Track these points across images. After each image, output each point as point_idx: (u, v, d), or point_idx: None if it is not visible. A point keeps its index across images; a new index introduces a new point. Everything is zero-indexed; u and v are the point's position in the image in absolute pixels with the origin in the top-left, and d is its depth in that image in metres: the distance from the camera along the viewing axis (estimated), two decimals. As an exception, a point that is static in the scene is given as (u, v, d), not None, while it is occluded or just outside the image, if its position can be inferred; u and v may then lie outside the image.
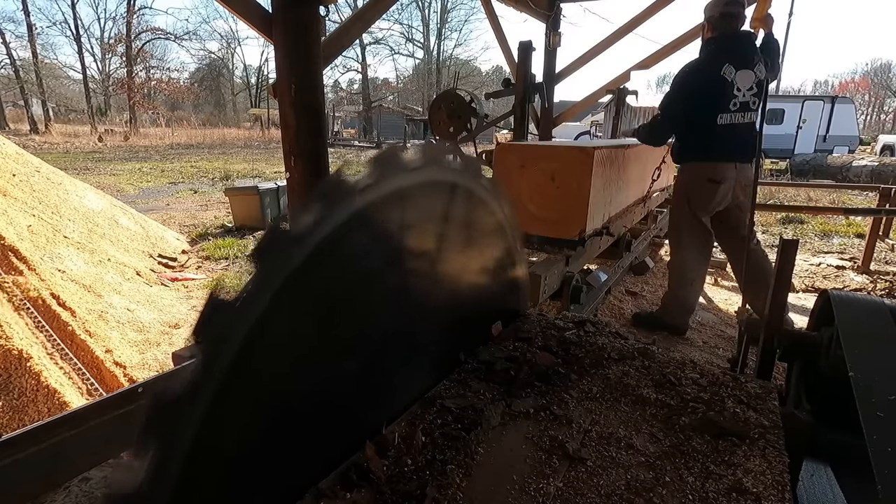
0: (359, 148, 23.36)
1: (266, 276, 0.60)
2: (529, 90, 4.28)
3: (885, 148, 17.87)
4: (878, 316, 1.08)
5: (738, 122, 2.81)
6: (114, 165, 14.46)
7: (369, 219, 0.77)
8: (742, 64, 2.76)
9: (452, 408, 0.95)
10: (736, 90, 2.76)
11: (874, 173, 12.06)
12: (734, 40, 2.82)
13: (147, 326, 3.22)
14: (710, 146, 2.88)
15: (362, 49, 39.51)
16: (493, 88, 5.07)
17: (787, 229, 6.87)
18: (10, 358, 2.38)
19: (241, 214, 6.55)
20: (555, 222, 2.59)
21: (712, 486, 0.77)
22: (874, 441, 0.75)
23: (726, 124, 2.81)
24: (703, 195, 2.94)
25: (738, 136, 2.81)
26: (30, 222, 3.68)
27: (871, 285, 4.44)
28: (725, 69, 2.74)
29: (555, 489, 0.76)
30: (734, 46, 2.80)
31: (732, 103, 2.79)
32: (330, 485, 0.75)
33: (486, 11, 5.41)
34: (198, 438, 0.55)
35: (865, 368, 0.91)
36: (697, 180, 2.97)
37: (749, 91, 2.77)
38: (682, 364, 1.15)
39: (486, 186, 1.09)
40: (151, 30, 36.04)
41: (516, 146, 2.88)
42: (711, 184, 2.89)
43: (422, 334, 0.98)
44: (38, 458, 0.94)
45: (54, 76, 36.01)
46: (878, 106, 54.68)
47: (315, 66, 2.42)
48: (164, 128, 30.60)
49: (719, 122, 2.81)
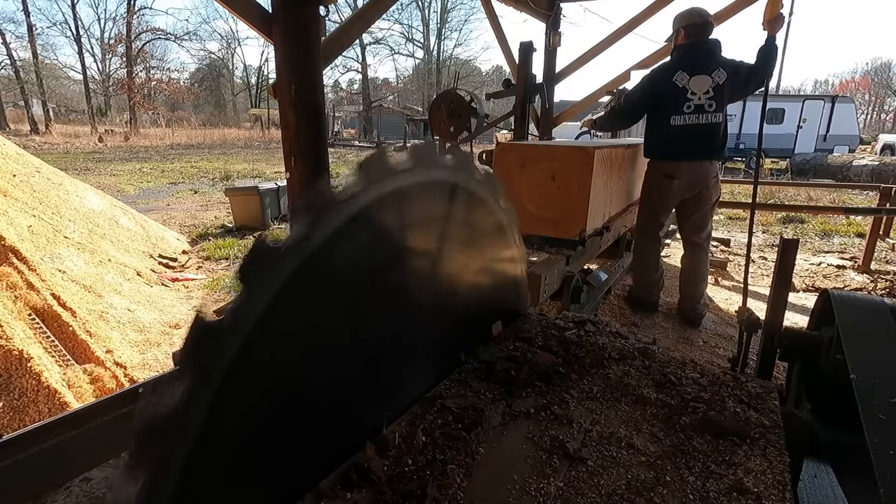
0: (359, 148, 23.36)
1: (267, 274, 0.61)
2: (530, 91, 4.28)
3: (886, 147, 17.87)
4: (879, 316, 1.08)
5: (691, 122, 3.06)
6: (114, 166, 14.46)
7: (368, 220, 0.77)
8: (698, 70, 3.02)
9: (453, 408, 0.95)
10: (690, 94, 3.03)
11: (874, 173, 12.06)
12: (695, 48, 3.08)
13: (147, 327, 3.23)
14: (666, 145, 3.16)
15: (362, 49, 39.51)
16: (494, 88, 5.07)
17: (788, 229, 6.87)
18: (10, 358, 2.38)
19: (241, 214, 6.55)
20: (555, 222, 2.59)
21: (713, 485, 0.77)
22: (876, 444, 0.74)
23: (680, 125, 3.07)
24: (661, 189, 3.22)
25: (693, 135, 3.07)
26: (30, 223, 3.68)
27: (871, 285, 4.44)
28: (678, 76, 3.04)
29: (555, 489, 0.76)
30: (693, 54, 3.07)
31: (686, 106, 3.05)
32: (330, 485, 0.75)
33: (486, 11, 5.41)
34: (199, 438, 0.55)
35: (867, 371, 0.90)
36: (656, 175, 3.25)
37: (705, 94, 3.02)
38: (682, 364, 1.15)
39: (482, 182, 1.08)
40: (151, 30, 36.06)
41: (516, 146, 2.88)
42: (667, 179, 3.17)
43: (421, 335, 0.98)
44: (39, 458, 0.95)
45: (54, 76, 36.04)
46: (878, 105, 54.64)
47: (315, 66, 2.41)
48: (164, 128, 30.60)
49: (672, 123, 3.08)
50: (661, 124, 3.13)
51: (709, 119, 3.04)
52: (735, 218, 7.47)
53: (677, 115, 3.07)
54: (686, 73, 3.03)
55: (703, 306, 3.45)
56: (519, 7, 4.96)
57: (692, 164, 3.11)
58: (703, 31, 3.09)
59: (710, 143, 3.09)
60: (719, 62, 3.04)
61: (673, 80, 3.04)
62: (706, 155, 3.12)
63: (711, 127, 3.06)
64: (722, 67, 3.01)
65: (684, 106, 3.04)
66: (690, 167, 3.12)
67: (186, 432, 0.54)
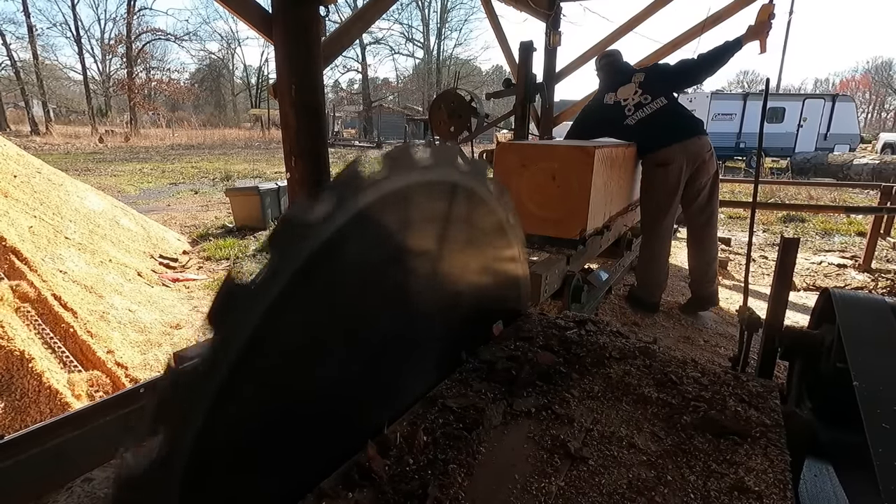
0: (359, 148, 23.35)
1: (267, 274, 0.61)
2: (530, 90, 4.28)
3: (886, 146, 17.85)
4: (881, 317, 1.07)
5: (642, 115, 3.29)
6: (114, 166, 14.47)
7: (372, 219, 0.77)
8: (619, 83, 3.41)
9: (454, 407, 0.95)
10: (623, 101, 3.37)
11: (875, 171, 12.06)
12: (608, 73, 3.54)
13: (148, 327, 3.23)
14: (637, 139, 3.35)
15: (362, 49, 39.51)
16: (494, 88, 5.06)
17: (788, 228, 6.86)
18: (11, 359, 2.38)
19: (241, 215, 6.55)
20: (556, 222, 2.59)
21: (714, 484, 0.77)
22: (880, 455, 0.72)
23: (632, 124, 3.32)
24: (657, 179, 3.33)
25: (655, 123, 3.27)
26: (31, 223, 3.69)
27: (872, 283, 4.43)
28: (607, 97, 3.45)
29: (556, 488, 0.76)
30: (608, 78, 3.53)
31: (627, 109, 3.35)
32: (332, 484, 0.75)
33: (486, 11, 5.40)
34: (199, 437, 0.55)
35: (869, 377, 0.88)
36: (650, 168, 3.39)
37: (635, 94, 3.33)
38: (683, 363, 1.15)
39: (485, 182, 1.09)
40: (151, 30, 36.08)
41: (517, 145, 2.88)
42: (661, 168, 3.29)
43: (422, 334, 0.98)
44: (40, 458, 0.95)
45: (55, 77, 36.06)
46: (878, 104, 54.59)
47: (315, 66, 2.42)
48: (164, 128, 30.61)
49: (626, 124, 3.34)
50: (619, 132, 3.38)
51: (655, 107, 3.27)
52: (736, 217, 7.46)
53: (624, 119, 3.34)
54: (612, 92, 3.42)
55: (716, 286, 3.57)
56: (519, 7, 4.96)
57: (682, 144, 3.24)
58: (611, 59, 3.58)
59: (675, 123, 3.28)
60: (634, 70, 3.46)
61: (605, 103, 3.43)
62: (682, 135, 3.25)
63: (659, 112, 3.27)
64: (638, 72, 3.41)
65: (625, 110, 3.35)
66: (683, 147, 3.23)
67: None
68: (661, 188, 3.32)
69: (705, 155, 3.29)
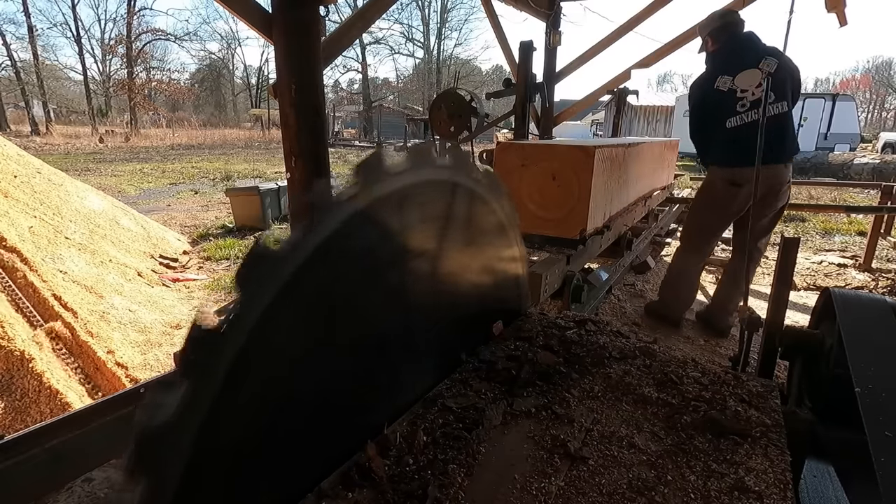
0: (359, 148, 23.35)
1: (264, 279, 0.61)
2: (530, 90, 4.28)
3: (887, 145, 17.83)
4: (881, 316, 1.07)
5: (751, 119, 2.77)
6: (115, 166, 14.47)
7: (373, 218, 0.77)
8: (741, 67, 2.79)
9: (454, 407, 0.95)
10: (740, 93, 2.78)
11: (875, 171, 12.04)
12: (730, 48, 2.89)
13: (149, 327, 3.23)
14: (727, 151, 2.88)
15: (362, 49, 39.52)
16: (494, 88, 5.06)
17: (789, 227, 6.86)
18: (12, 359, 2.39)
19: (242, 215, 6.55)
20: (556, 221, 2.59)
21: (714, 484, 0.77)
22: (882, 464, 0.71)
23: (737, 126, 2.82)
24: (726, 199, 2.94)
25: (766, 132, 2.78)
26: (31, 224, 3.69)
27: (872, 283, 4.43)
28: (720, 81, 2.82)
29: (556, 488, 0.76)
30: (729, 55, 2.88)
31: (740, 104, 2.79)
32: (332, 484, 0.75)
33: (486, 11, 5.40)
34: (198, 437, 0.55)
35: (871, 384, 0.87)
36: (721, 184, 2.96)
37: (758, 88, 2.74)
38: (683, 363, 1.14)
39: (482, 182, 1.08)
40: (152, 31, 36.09)
41: (517, 145, 2.87)
42: (734, 187, 2.88)
43: (422, 334, 0.98)
44: (40, 458, 0.95)
45: (55, 77, 36.09)
46: (879, 103, 54.54)
47: (315, 66, 2.42)
48: (164, 128, 30.63)
49: (728, 125, 2.83)
50: (718, 130, 2.87)
51: (771, 111, 2.72)
52: (736, 217, 7.45)
53: (732, 116, 2.81)
54: (727, 76, 2.80)
55: (734, 318, 3.16)
56: (519, 6, 4.96)
57: (774, 169, 2.81)
58: (731, 29, 2.89)
59: (781, 140, 2.79)
60: (765, 52, 2.79)
61: (716, 87, 2.82)
62: (778, 157, 2.80)
63: (777, 119, 2.76)
64: (769, 56, 2.76)
65: (738, 105, 2.77)
66: (773, 173, 2.82)
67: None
68: (724, 209, 2.95)
69: (785, 185, 2.90)
